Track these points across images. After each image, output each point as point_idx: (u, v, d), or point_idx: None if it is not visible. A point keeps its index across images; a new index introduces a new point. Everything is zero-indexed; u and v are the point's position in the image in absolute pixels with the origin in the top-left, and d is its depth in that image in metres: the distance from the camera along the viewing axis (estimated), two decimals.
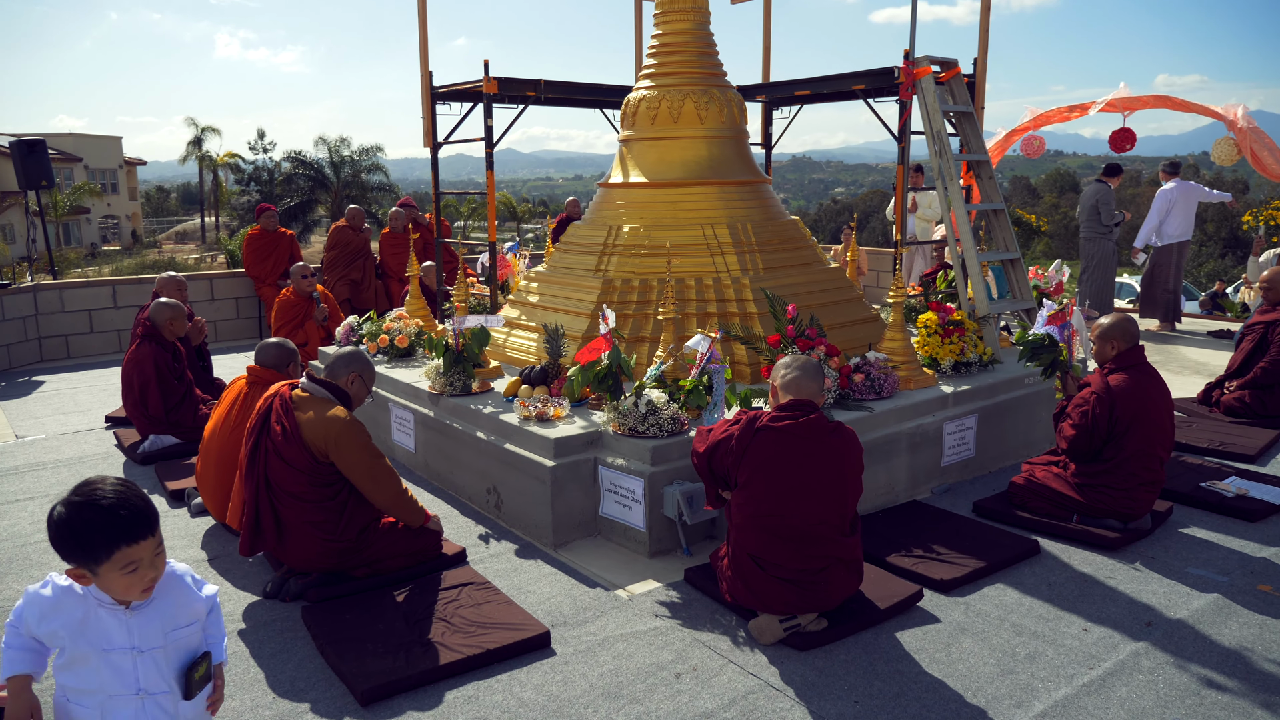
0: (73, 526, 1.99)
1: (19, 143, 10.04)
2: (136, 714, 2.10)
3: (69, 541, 2.00)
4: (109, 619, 2.08)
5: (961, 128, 6.68)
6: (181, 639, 2.19)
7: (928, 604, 3.86)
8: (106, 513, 2.00)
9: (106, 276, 17.48)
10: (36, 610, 2.08)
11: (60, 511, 2.01)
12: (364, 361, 4.19)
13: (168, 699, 2.13)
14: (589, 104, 8.00)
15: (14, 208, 35.40)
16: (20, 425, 6.96)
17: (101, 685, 2.06)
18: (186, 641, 2.21)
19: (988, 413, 5.48)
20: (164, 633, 2.15)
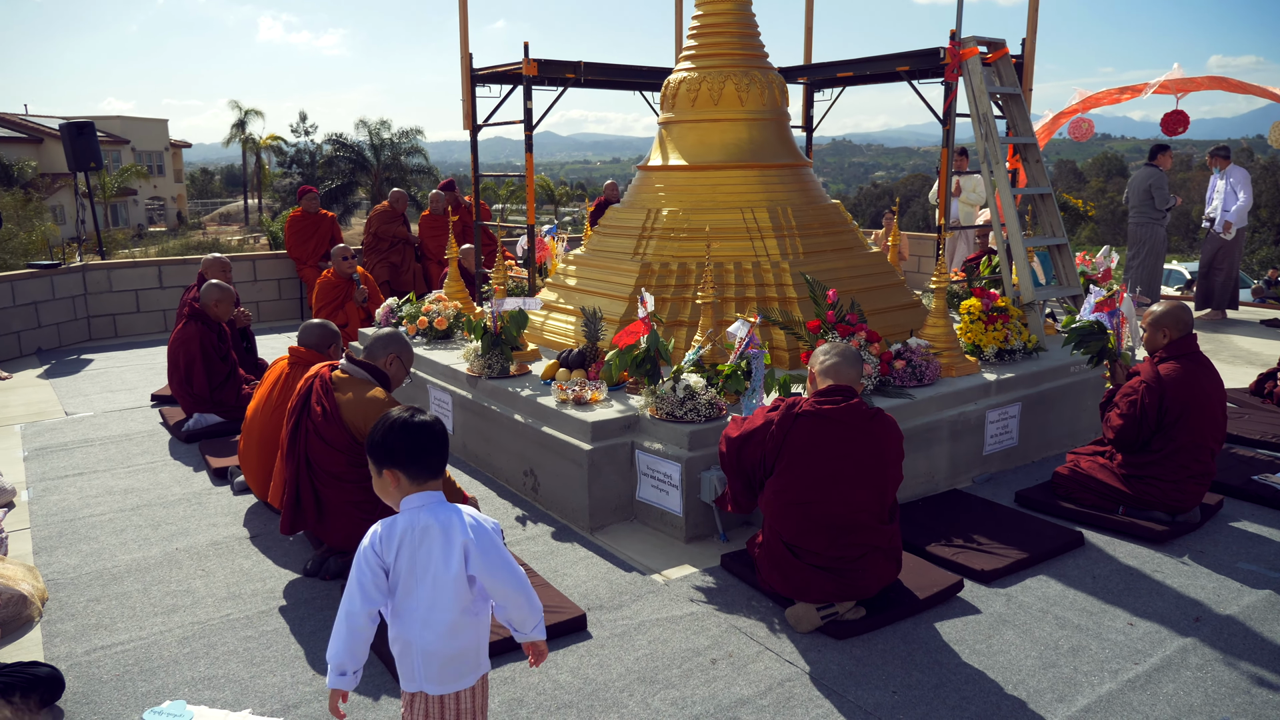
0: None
1: (68, 125, 10.22)
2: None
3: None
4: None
5: (1008, 110, 6.54)
6: None
7: (968, 594, 3.80)
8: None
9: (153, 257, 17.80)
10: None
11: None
12: (402, 343, 4.20)
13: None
14: (628, 86, 7.95)
15: (64, 189, 36.15)
16: (69, 403, 7.11)
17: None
18: None
19: (1032, 401, 5.38)
20: None
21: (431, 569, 2.22)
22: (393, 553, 2.23)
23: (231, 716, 3.02)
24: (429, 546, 2.23)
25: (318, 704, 3.08)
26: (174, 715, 3.03)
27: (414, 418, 2.31)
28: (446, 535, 2.24)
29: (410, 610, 2.24)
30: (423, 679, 2.27)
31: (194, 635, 3.55)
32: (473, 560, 2.22)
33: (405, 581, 2.24)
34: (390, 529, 2.25)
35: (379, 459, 2.29)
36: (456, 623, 2.25)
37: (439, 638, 2.24)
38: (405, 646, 2.28)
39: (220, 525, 4.64)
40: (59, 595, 3.87)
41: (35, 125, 41.07)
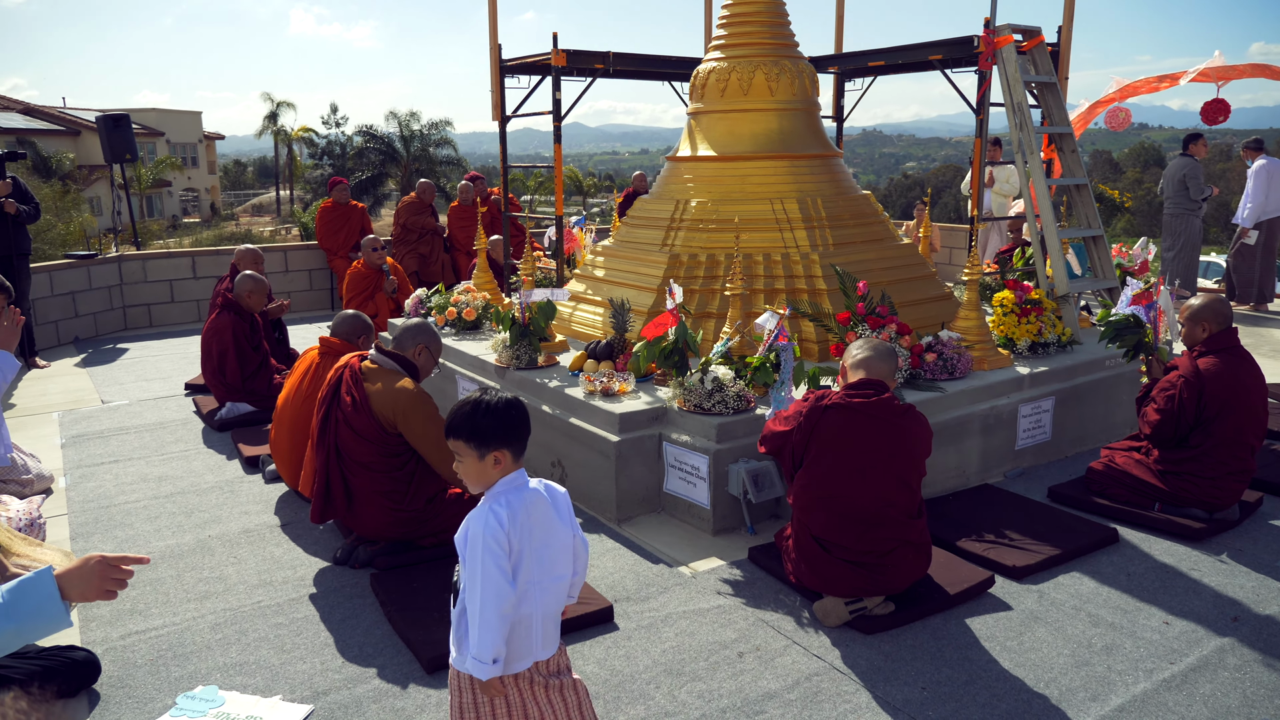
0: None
1: (105, 117, 10.35)
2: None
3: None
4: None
5: (1044, 99, 6.43)
6: None
7: (999, 591, 3.76)
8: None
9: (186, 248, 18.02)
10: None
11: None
12: (431, 333, 4.22)
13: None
14: (657, 76, 7.91)
15: (101, 181, 36.70)
16: (105, 391, 7.22)
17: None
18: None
19: (1065, 395, 5.30)
20: None
21: (554, 536, 2.30)
22: (518, 532, 2.24)
23: (262, 702, 3.05)
24: (545, 514, 2.30)
25: (346, 691, 3.11)
26: (207, 700, 3.07)
27: (507, 397, 2.35)
28: (554, 501, 2.34)
29: (534, 582, 2.26)
30: (540, 647, 2.31)
31: (226, 621, 3.59)
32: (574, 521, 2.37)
33: (527, 556, 2.25)
34: (513, 510, 2.24)
35: (487, 441, 2.28)
36: (566, 582, 2.35)
37: (557, 600, 2.34)
38: (526, 621, 2.27)
39: (252, 513, 4.69)
40: None
41: (73, 118, 41.70)
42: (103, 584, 2.18)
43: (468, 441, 2.29)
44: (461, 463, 2.32)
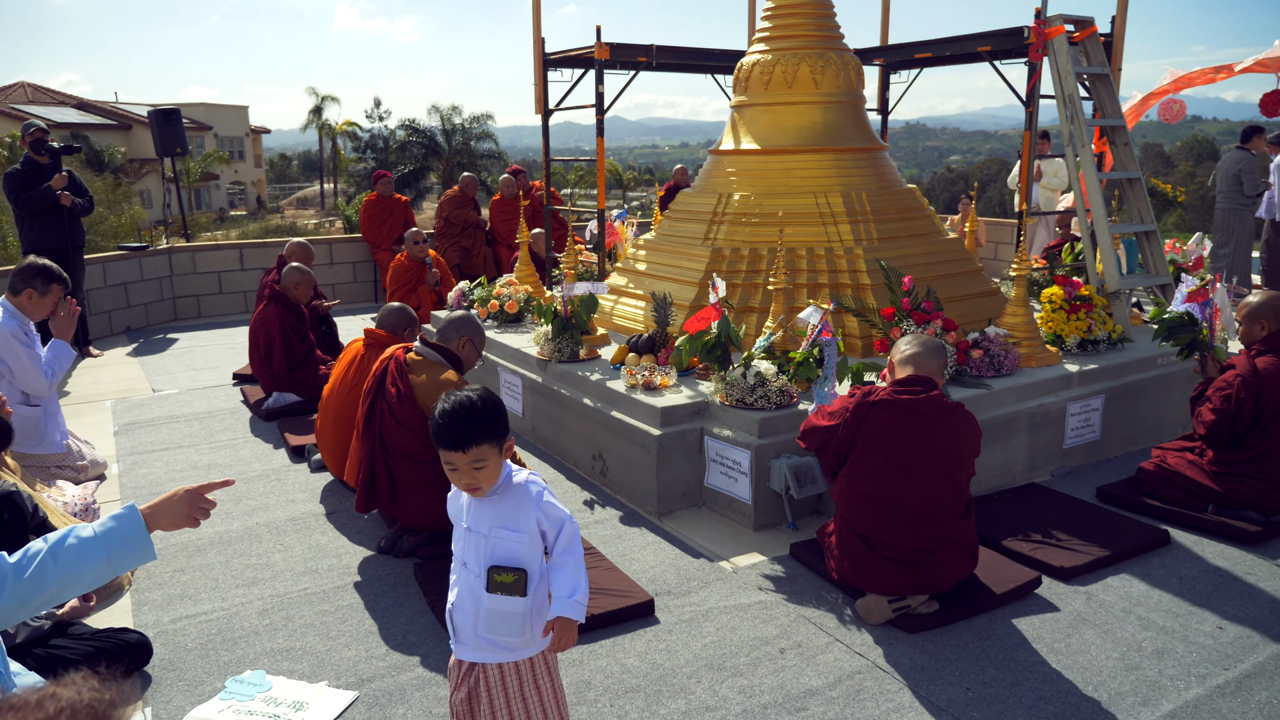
0: (439, 418, 2.30)
1: (156, 112, 10.55)
2: (459, 581, 2.38)
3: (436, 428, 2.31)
4: (467, 501, 2.40)
5: (1096, 91, 6.30)
6: (503, 539, 2.33)
7: (1046, 592, 3.70)
8: (441, 418, 2.29)
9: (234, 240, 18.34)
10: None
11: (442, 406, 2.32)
12: (474, 326, 4.25)
13: (477, 581, 2.33)
14: (700, 69, 7.88)
15: (151, 174, 37.46)
16: (156, 380, 7.37)
17: (457, 552, 2.42)
18: (509, 544, 2.33)
19: (1115, 394, 5.20)
20: (489, 525, 2.34)
21: None
22: None
23: (308, 688, 3.10)
24: None
25: (390, 679, 3.14)
26: (255, 685, 3.12)
27: (479, 390, 2.40)
28: None
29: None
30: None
31: (273, 607, 3.65)
32: None
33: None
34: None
35: (504, 433, 2.35)
36: None
37: None
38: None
39: (298, 501, 4.76)
40: (146, 565, 4.02)
41: (125, 112, 42.61)
42: (191, 511, 2.30)
43: (493, 442, 2.29)
44: (486, 466, 2.27)
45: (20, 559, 2.07)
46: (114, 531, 2.16)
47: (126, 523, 2.19)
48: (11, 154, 31.17)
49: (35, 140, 7.70)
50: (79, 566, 2.10)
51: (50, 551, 2.09)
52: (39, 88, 44.45)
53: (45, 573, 2.06)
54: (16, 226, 7.95)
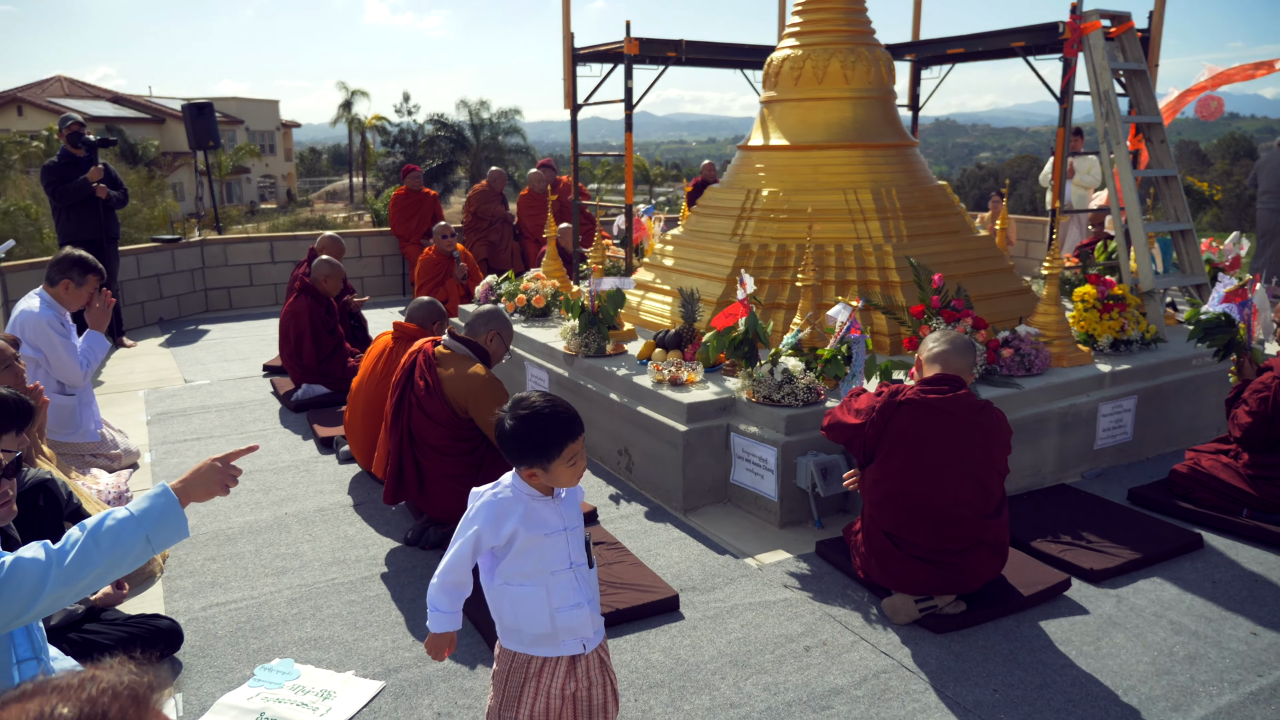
0: (531, 433, 2.30)
1: (189, 106, 10.68)
2: (571, 583, 2.38)
3: (529, 445, 2.31)
4: (544, 508, 2.37)
5: (1132, 87, 6.21)
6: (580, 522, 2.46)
7: (1075, 594, 3.66)
8: (553, 418, 2.32)
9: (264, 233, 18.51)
10: (493, 519, 2.33)
11: (513, 424, 2.32)
12: (503, 320, 4.26)
13: (587, 570, 2.42)
14: (729, 64, 7.85)
15: (183, 167, 37.93)
16: (188, 370, 7.47)
17: (544, 565, 2.36)
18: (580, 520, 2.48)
19: (1148, 395, 5.12)
20: (576, 514, 2.43)
21: None
22: None
23: (335, 677, 3.13)
24: None
25: (416, 669, 3.17)
26: (283, 673, 3.16)
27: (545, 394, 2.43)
28: None
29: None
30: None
31: (302, 597, 3.69)
32: None
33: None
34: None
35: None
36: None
37: None
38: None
39: (326, 492, 4.80)
40: (178, 553, 4.08)
41: (158, 106, 43.19)
42: (223, 479, 2.35)
43: (577, 439, 2.35)
44: (579, 461, 2.35)
45: (62, 545, 2.11)
46: (150, 510, 2.20)
47: (161, 500, 2.23)
48: (48, 147, 31.72)
49: (72, 134, 7.82)
50: (120, 547, 2.14)
51: (91, 535, 2.12)
52: (75, 81, 45.15)
53: (88, 556, 2.10)
54: (54, 218, 8.08)
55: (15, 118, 39.76)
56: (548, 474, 2.33)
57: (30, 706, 0.76)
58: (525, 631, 2.36)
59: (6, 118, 40.03)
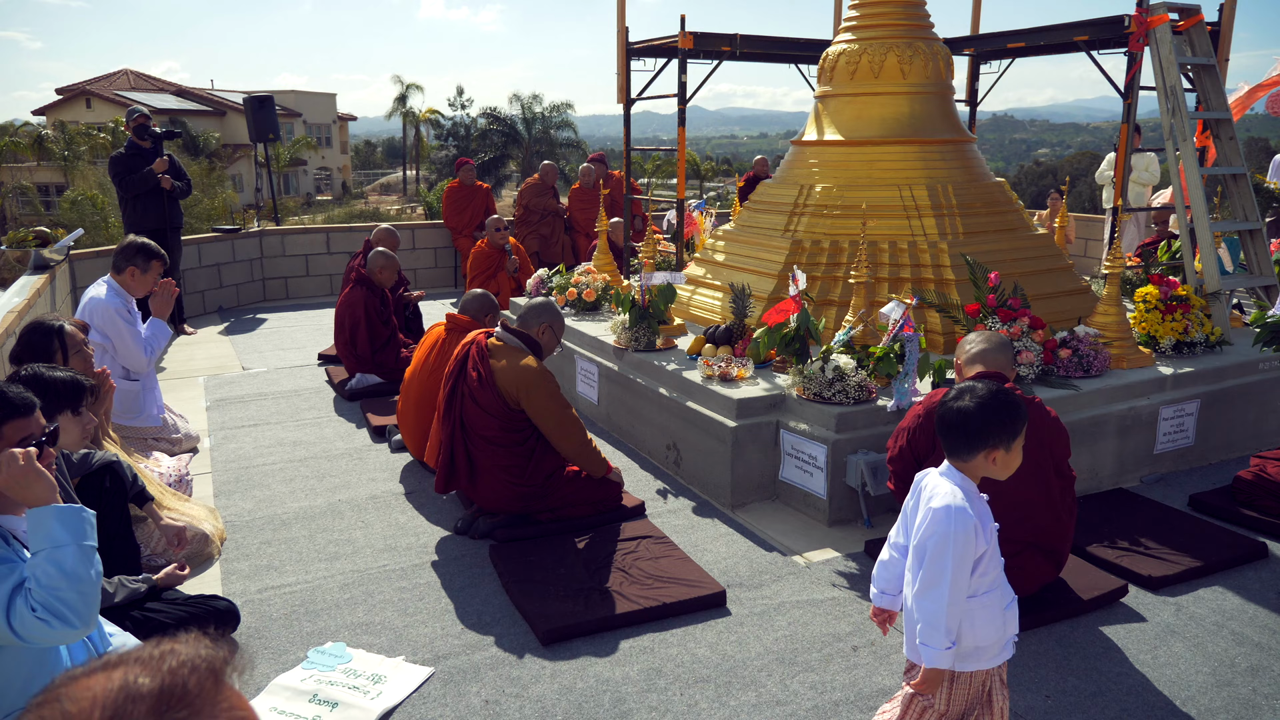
0: (1003, 408, 2.23)
1: (251, 99, 10.90)
2: (1000, 583, 2.33)
3: (1003, 421, 2.24)
4: (980, 502, 2.31)
5: (1200, 82, 6.03)
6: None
7: (1132, 601, 3.58)
8: (1013, 394, 2.28)
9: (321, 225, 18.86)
10: (970, 530, 2.23)
11: (977, 404, 2.25)
12: (555, 313, 4.29)
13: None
14: (784, 59, 7.80)
15: (242, 159, 38.74)
16: (246, 358, 7.64)
17: (996, 563, 2.31)
18: None
19: (1212, 398, 4.99)
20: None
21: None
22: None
23: (386, 662, 3.18)
24: None
25: (465, 657, 3.21)
26: (336, 656, 3.22)
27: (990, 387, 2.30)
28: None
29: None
30: None
31: (354, 582, 3.75)
32: None
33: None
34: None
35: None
36: None
37: None
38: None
39: (378, 480, 4.88)
40: (235, 536, 4.18)
41: (219, 99, 44.13)
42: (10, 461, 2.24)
43: (990, 439, 2.26)
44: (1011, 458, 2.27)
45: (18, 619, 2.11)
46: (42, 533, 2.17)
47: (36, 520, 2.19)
48: (115, 139, 32.60)
49: (138, 126, 8.03)
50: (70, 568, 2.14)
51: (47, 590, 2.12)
52: (141, 74, 46.34)
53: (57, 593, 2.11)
54: (120, 208, 8.31)
55: (84, 110, 40.97)
56: (1009, 454, 2.26)
57: (115, 675, 0.79)
58: (984, 646, 2.27)
59: (75, 110, 41.26)
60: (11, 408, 2.28)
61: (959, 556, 2.18)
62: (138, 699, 0.77)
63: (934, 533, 2.21)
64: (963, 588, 2.20)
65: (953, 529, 2.18)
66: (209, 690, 0.80)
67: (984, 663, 2.28)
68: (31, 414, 2.32)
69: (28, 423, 2.30)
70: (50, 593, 2.11)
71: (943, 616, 2.18)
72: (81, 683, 0.79)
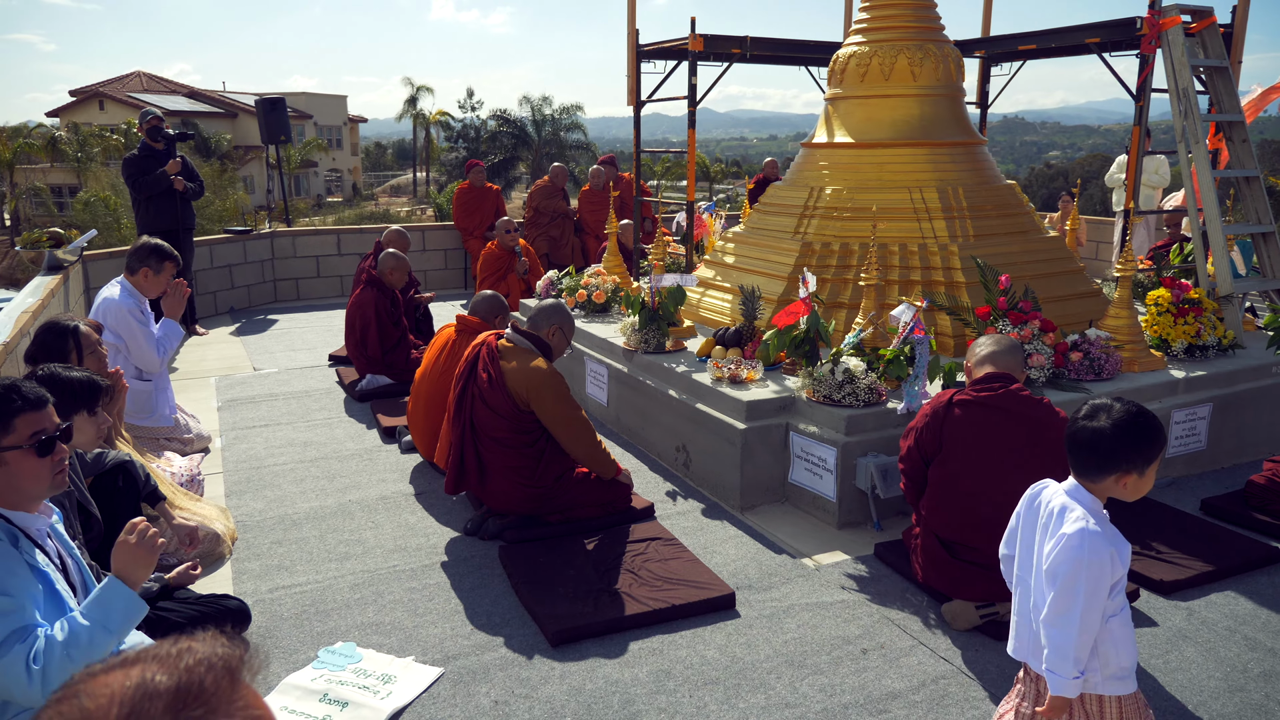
0: (1145, 430, 2.16)
1: (263, 101, 10.95)
2: None
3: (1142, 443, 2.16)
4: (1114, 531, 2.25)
5: (1212, 84, 6.01)
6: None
7: (1144, 605, 3.56)
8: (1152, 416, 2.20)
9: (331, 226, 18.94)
10: (1106, 556, 2.14)
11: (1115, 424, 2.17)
12: (565, 315, 4.30)
13: None
14: (795, 61, 7.79)
15: (254, 160, 38.91)
16: (257, 359, 7.67)
17: (1122, 583, 2.24)
18: None
19: (1224, 402, 4.96)
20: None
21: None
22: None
23: (396, 662, 3.19)
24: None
25: (475, 657, 3.22)
26: (346, 656, 3.23)
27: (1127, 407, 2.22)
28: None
29: None
30: None
31: (364, 583, 3.77)
32: None
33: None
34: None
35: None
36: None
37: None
38: None
39: (388, 481, 4.90)
40: (246, 536, 4.20)
41: (231, 101, 44.34)
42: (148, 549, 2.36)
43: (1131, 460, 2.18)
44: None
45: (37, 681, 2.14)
46: (112, 611, 2.24)
47: (117, 597, 2.27)
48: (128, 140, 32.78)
49: (152, 128, 8.08)
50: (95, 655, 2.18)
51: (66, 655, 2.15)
52: (153, 76, 46.61)
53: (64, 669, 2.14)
54: (133, 209, 8.36)
55: (97, 112, 41.23)
56: (1142, 479, 2.18)
57: (133, 673, 0.80)
58: (1128, 665, 2.22)
59: (88, 112, 41.53)
60: (25, 401, 2.30)
61: (1092, 583, 2.11)
62: (155, 696, 0.78)
63: (1066, 559, 2.14)
64: (1096, 615, 2.14)
65: (1086, 556, 2.12)
66: (225, 689, 0.81)
67: (1135, 682, 2.22)
68: (44, 408, 2.34)
69: (40, 416, 2.32)
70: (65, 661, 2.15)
71: (1071, 645, 2.13)
72: (100, 679, 0.80)
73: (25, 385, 2.33)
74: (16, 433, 2.27)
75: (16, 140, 36.41)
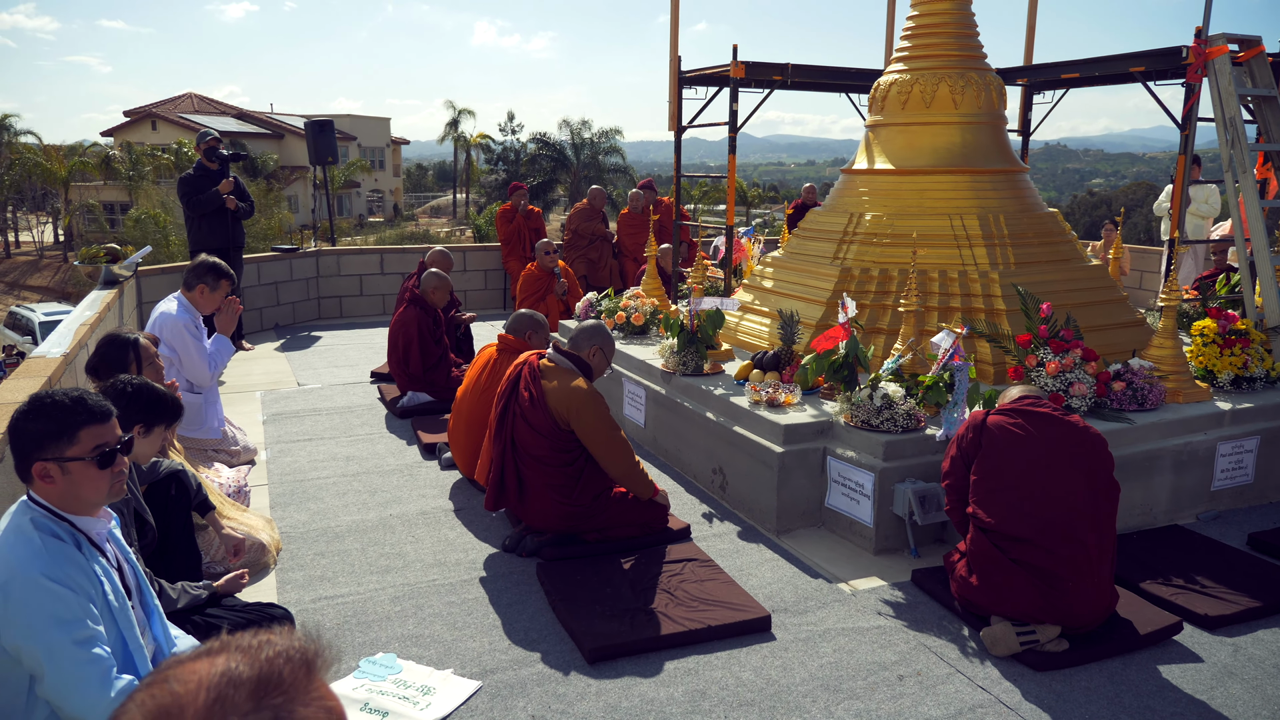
0: None
1: (311, 123, 11.22)
2: None
3: None
4: None
5: (1260, 114, 5.95)
6: None
7: (1187, 640, 3.51)
8: None
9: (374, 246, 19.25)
10: None
11: None
12: (605, 335, 4.36)
13: None
14: (836, 88, 7.84)
15: (298, 180, 39.69)
16: (301, 374, 7.82)
17: None
18: None
19: (1272, 435, 4.88)
20: None
21: None
22: None
23: (435, 674, 3.24)
24: None
25: (512, 672, 3.25)
26: (386, 667, 3.28)
27: None
28: None
29: None
30: None
31: (404, 595, 3.83)
32: None
33: None
34: None
35: None
36: None
37: None
38: None
39: (429, 496, 4.97)
40: (290, 547, 4.28)
41: (278, 122, 45.34)
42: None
43: None
44: None
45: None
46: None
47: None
48: (178, 160, 33.60)
49: (209, 148, 8.32)
50: None
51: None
52: (204, 98, 47.83)
53: None
54: (186, 227, 8.59)
55: (149, 131, 42.39)
56: None
57: (218, 661, 0.85)
58: None
59: (141, 131, 42.70)
60: (89, 414, 2.38)
61: None
62: (239, 684, 0.83)
63: None
64: None
65: None
66: (302, 680, 0.86)
67: None
68: (108, 421, 2.42)
69: (103, 430, 2.40)
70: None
71: None
72: (188, 665, 0.86)
73: (91, 398, 2.42)
74: (81, 444, 2.35)
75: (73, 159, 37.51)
